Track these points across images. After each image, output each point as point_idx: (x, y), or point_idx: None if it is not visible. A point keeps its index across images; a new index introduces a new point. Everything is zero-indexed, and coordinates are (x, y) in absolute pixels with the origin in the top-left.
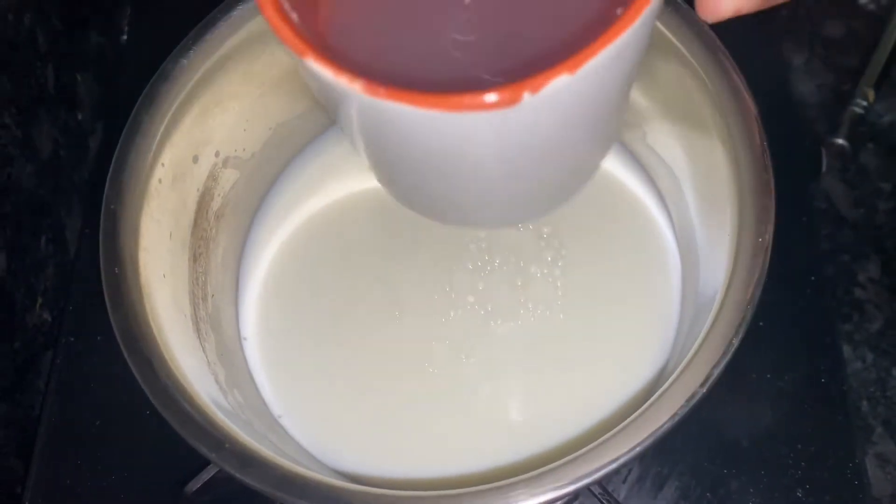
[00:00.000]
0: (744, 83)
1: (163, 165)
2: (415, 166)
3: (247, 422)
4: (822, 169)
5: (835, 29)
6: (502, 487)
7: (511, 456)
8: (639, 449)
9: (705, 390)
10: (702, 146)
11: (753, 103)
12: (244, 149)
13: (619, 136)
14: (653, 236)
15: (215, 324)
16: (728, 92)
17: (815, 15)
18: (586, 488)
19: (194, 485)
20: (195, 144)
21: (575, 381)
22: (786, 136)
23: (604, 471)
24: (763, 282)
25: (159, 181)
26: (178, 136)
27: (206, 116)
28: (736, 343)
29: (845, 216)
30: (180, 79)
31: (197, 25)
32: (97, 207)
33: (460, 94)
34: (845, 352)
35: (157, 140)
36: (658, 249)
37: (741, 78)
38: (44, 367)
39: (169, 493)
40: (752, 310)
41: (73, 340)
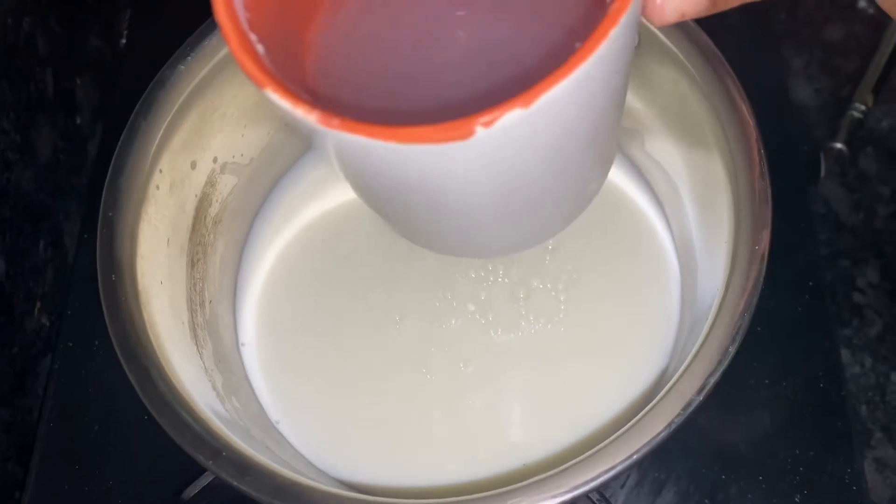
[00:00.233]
0: (741, 92)
1: (160, 171)
2: (385, 195)
3: (244, 428)
4: (821, 173)
5: (834, 33)
6: (500, 495)
7: (509, 464)
8: (636, 457)
9: (702, 398)
10: (699, 153)
11: (750, 112)
12: (242, 154)
13: (611, 161)
14: (651, 243)
15: (213, 330)
16: (725, 100)
17: (815, 19)
18: (584, 495)
19: (191, 491)
20: (193, 150)
21: (574, 389)
22: (784, 140)
23: (601, 479)
24: (760, 289)
25: (157, 187)
26: (176, 141)
27: (204, 122)
28: (733, 351)
29: (844, 221)
30: (178, 85)
31: (195, 31)
32: (96, 212)
33: (414, 127)
34: (844, 357)
35: (155, 146)
36: (657, 256)
37: (738, 86)
38: (42, 372)
39: (166, 499)
40: (748, 317)
41: (71, 345)
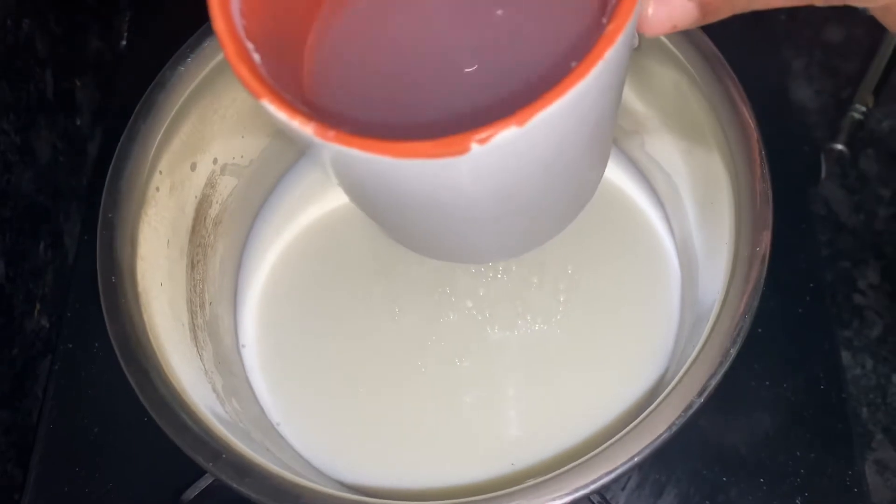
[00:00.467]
0: (741, 93)
1: (160, 173)
2: (379, 205)
3: (244, 430)
4: (822, 175)
5: (834, 34)
6: (500, 497)
7: (508, 466)
8: (637, 459)
9: (702, 400)
10: (700, 154)
11: (751, 113)
12: (242, 156)
13: (605, 165)
14: (652, 244)
15: (213, 332)
16: (725, 101)
17: (815, 20)
18: (585, 497)
19: (191, 493)
20: (193, 152)
21: (572, 390)
22: (785, 141)
23: (602, 481)
24: (760, 291)
25: (157, 189)
26: (175, 143)
27: (203, 124)
28: (733, 353)
29: (845, 222)
30: (178, 86)
31: (195, 33)
32: (96, 213)
33: (410, 142)
34: (845, 358)
35: (155, 148)
36: (657, 257)
37: (738, 87)
38: (42, 374)
39: (166, 501)
40: (749, 319)
41: (71, 347)
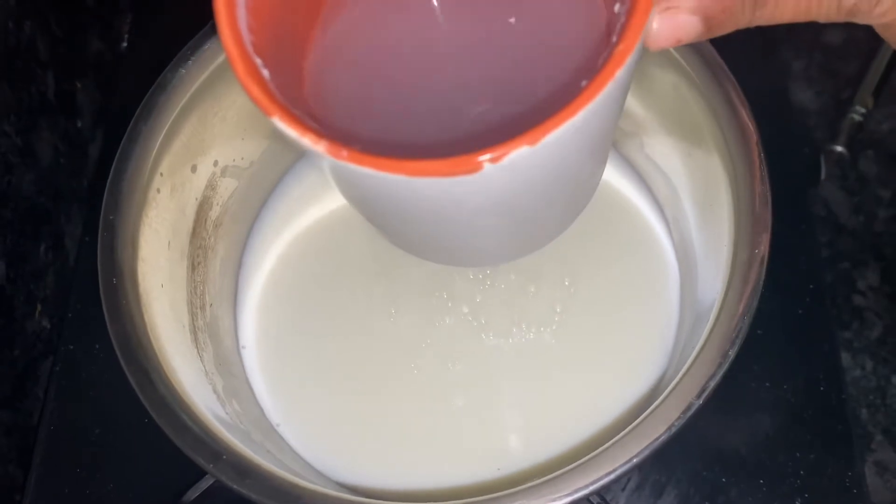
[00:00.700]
0: (740, 95)
1: (161, 175)
2: (384, 216)
3: (245, 431)
4: (822, 176)
5: (834, 36)
6: (499, 498)
7: (507, 468)
8: (636, 460)
9: (701, 402)
10: (699, 156)
11: (750, 115)
12: (242, 158)
13: (605, 164)
14: (652, 246)
15: (213, 333)
16: (724, 103)
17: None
18: (584, 498)
19: (192, 494)
20: (194, 154)
21: (569, 394)
22: (785, 143)
23: (601, 482)
24: (759, 293)
25: (158, 191)
26: (176, 145)
27: (204, 126)
28: (732, 355)
29: (844, 223)
30: (179, 88)
31: (196, 35)
32: (97, 215)
33: (423, 161)
34: (844, 359)
35: (156, 150)
36: (657, 259)
37: (737, 90)
38: (43, 375)
39: (167, 502)
40: (748, 321)
41: (72, 348)
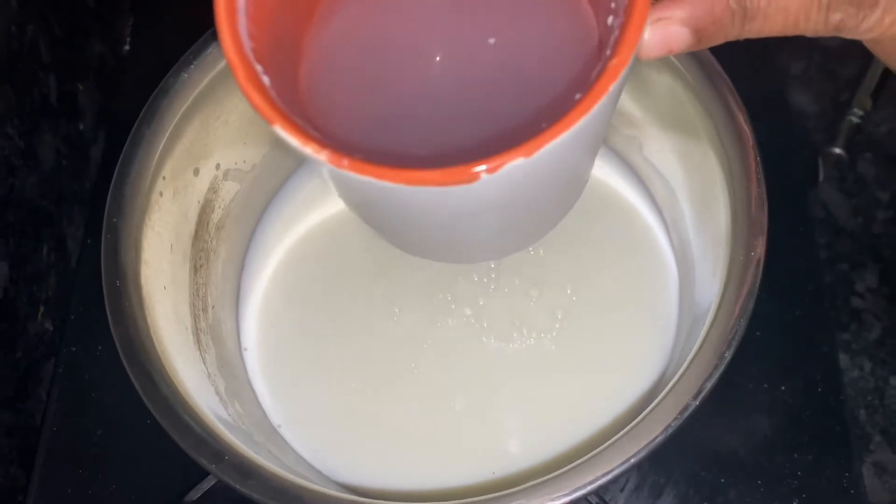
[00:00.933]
0: (736, 98)
1: (164, 178)
2: (390, 222)
3: (246, 433)
4: (820, 178)
5: (832, 38)
6: (500, 498)
7: (507, 468)
8: (633, 460)
9: (698, 403)
10: (696, 158)
11: (746, 117)
12: (245, 161)
13: (592, 168)
14: (650, 247)
15: (216, 335)
16: (720, 106)
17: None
18: (583, 498)
19: (194, 494)
20: (196, 157)
21: (568, 396)
22: (783, 145)
23: (599, 482)
24: (755, 295)
25: (160, 194)
26: (179, 149)
27: (206, 130)
28: (728, 356)
29: (843, 225)
30: (181, 93)
31: (198, 39)
32: (99, 217)
33: (422, 171)
34: (843, 361)
35: (159, 153)
36: (656, 262)
37: (733, 92)
38: (45, 377)
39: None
40: (744, 322)
41: (74, 350)
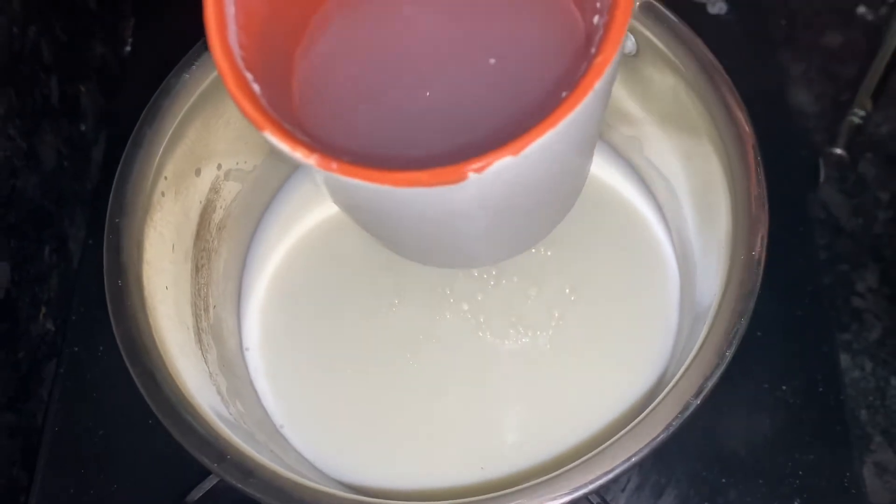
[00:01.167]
0: (737, 98)
1: (165, 178)
2: (382, 226)
3: (248, 432)
4: (820, 179)
5: (833, 39)
6: (500, 497)
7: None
8: (634, 459)
9: (699, 401)
10: (697, 159)
11: (746, 118)
12: (246, 161)
13: (590, 164)
14: (651, 247)
15: (217, 334)
16: (721, 107)
17: (814, 25)
18: (584, 498)
19: (196, 494)
20: (198, 157)
21: (565, 395)
22: (784, 145)
23: (600, 480)
24: (756, 294)
25: (162, 194)
26: (180, 149)
27: (208, 130)
28: (729, 355)
29: (843, 226)
30: (183, 93)
31: (199, 41)
32: (100, 217)
33: (409, 172)
34: (843, 361)
35: (160, 153)
36: (657, 262)
37: (734, 93)
38: (47, 377)
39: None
40: (745, 322)
41: (76, 350)
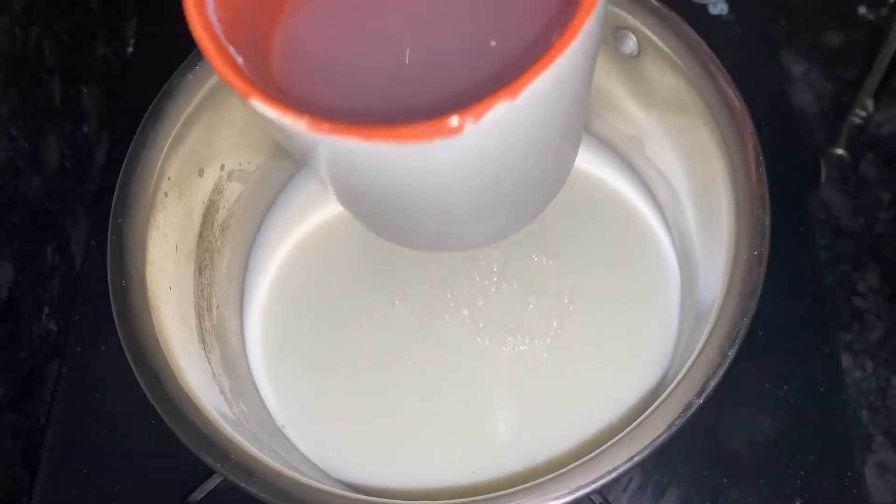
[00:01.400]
0: (739, 98)
1: (169, 179)
2: (378, 197)
3: (251, 432)
4: (822, 179)
5: (834, 39)
6: (500, 497)
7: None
8: (637, 458)
9: (701, 401)
10: (699, 159)
11: (748, 118)
12: (249, 162)
13: (580, 139)
14: (653, 247)
15: (220, 335)
16: (722, 107)
17: (815, 25)
18: (586, 497)
19: (198, 494)
20: (201, 158)
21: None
22: (785, 146)
23: (602, 480)
24: (758, 294)
25: (165, 194)
26: (184, 150)
27: (211, 130)
28: (731, 355)
29: (845, 226)
30: (186, 94)
31: None
32: (103, 218)
33: (404, 126)
34: (845, 361)
35: (164, 154)
36: (658, 261)
37: (736, 93)
38: (50, 377)
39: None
40: (747, 322)
41: (79, 350)
